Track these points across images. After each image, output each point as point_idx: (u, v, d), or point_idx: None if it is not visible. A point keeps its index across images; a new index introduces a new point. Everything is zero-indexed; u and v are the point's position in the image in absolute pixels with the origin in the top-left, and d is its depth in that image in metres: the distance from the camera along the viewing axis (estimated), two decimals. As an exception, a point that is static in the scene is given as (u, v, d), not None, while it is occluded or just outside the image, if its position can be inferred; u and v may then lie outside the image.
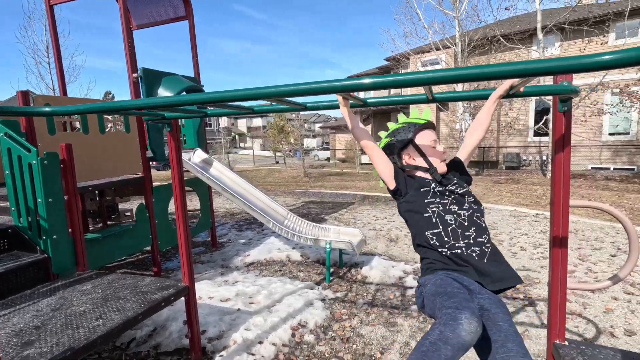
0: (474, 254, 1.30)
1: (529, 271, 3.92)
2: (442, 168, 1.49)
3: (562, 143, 1.57)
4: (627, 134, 14.49)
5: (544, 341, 2.56)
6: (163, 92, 3.74)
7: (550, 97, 1.83)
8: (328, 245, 3.76)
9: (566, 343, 1.66)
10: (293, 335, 2.76)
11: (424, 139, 1.50)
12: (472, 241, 1.32)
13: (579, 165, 15.49)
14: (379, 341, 2.68)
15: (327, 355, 2.52)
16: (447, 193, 1.41)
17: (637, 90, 10.57)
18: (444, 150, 1.51)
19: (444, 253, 1.32)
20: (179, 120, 4.69)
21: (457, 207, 1.38)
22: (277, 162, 27.53)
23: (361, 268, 4.13)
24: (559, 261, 1.64)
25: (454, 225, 1.34)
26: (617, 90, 11.68)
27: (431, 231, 1.34)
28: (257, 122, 55.84)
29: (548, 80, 9.58)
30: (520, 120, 16.72)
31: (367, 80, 1.02)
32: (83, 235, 2.62)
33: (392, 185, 1.47)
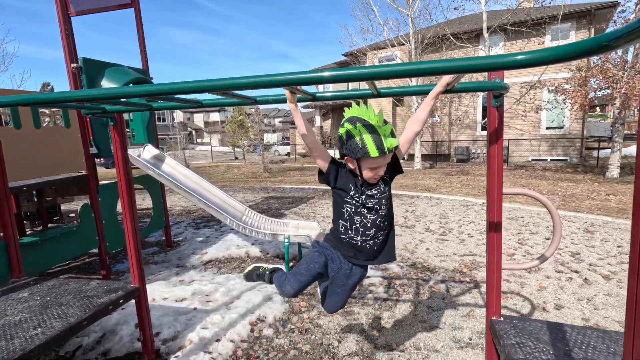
0: (367, 245, 1.65)
1: (475, 256, 4.21)
2: (371, 181, 1.59)
3: (496, 135, 1.71)
4: (561, 128, 15.90)
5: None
6: (107, 85, 3.51)
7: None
8: (286, 240, 3.78)
9: (502, 319, 1.82)
10: (252, 330, 2.76)
11: (365, 164, 1.52)
12: (368, 238, 1.64)
13: (521, 157, 16.77)
14: (337, 330, 2.75)
15: (286, 347, 2.55)
16: (362, 201, 1.60)
17: (569, 88, 11.62)
18: (381, 174, 1.57)
19: (343, 239, 1.67)
20: (128, 114, 4.43)
21: (366, 211, 1.62)
22: (236, 158, 26.94)
23: (320, 261, 4.18)
24: (494, 244, 1.79)
25: (357, 225, 1.63)
26: (553, 87, 12.75)
27: (342, 222, 1.66)
28: (215, 116, 54.17)
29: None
30: (469, 115, 17.72)
31: (327, 73, 1.04)
32: (17, 239, 2.42)
33: (323, 174, 1.67)
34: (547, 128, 16.20)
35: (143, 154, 4.34)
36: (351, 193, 1.60)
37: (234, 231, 5.40)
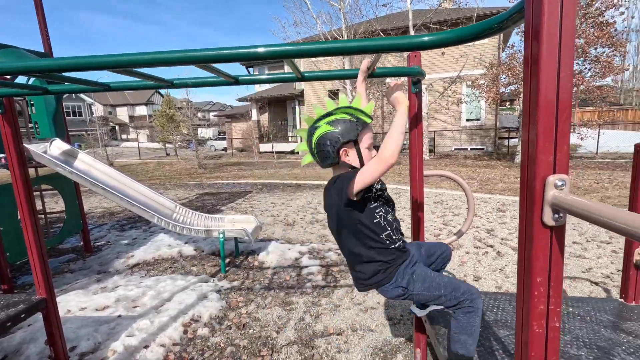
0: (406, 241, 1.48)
1: (408, 238, 4.46)
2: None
3: (416, 120, 1.80)
4: (479, 120, 17.57)
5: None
6: (-3, 69, 3.01)
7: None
8: (221, 235, 3.63)
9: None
10: (185, 332, 2.61)
11: (365, 140, 1.35)
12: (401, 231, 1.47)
13: (445, 147, 18.21)
14: (276, 321, 2.73)
15: (222, 345, 2.46)
16: (385, 196, 1.42)
17: (483, 84, 12.87)
18: (374, 153, 1.35)
19: (396, 248, 1.40)
20: (28, 103, 3.85)
21: (390, 206, 1.44)
22: (168, 155, 25.24)
23: (258, 254, 4.12)
24: (417, 223, 1.90)
25: (395, 224, 1.43)
26: (470, 83, 14.01)
27: (385, 233, 1.37)
28: (142, 110, 50.06)
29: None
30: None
31: (261, 49, 0.99)
32: None
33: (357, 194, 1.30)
34: (467, 120, 17.79)
35: (50, 150, 3.83)
36: (374, 194, 1.37)
37: (165, 231, 5.06)
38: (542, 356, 0.71)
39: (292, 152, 22.28)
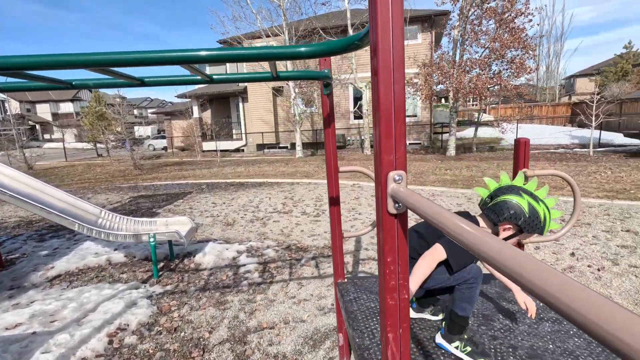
0: None
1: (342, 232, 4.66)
2: None
3: (329, 120, 1.92)
4: (415, 116, 18.65)
5: (347, 285, 3.15)
6: None
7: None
8: (152, 239, 3.50)
9: (345, 280, 2.09)
10: (110, 342, 2.50)
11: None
12: None
13: (387, 142, 19.08)
14: (209, 322, 2.72)
15: (151, 351, 2.40)
16: None
17: (418, 82, 13.68)
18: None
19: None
20: None
21: None
22: (99, 155, 23.28)
23: (194, 256, 4.03)
24: (334, 216, 2.03)
25: None
26: (405, 81, 14.81)
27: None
28: (67, 107, 45.46)
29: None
30: (342, 105, 19.19)
31: (203, 53, 1.00)
32: None
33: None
34: (405, 116, 18.79)
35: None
36: None
37: (92, 238, 4.72)
38: (396, 324, 0.85)
39: (237, 150, 21.81)
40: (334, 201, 1.99)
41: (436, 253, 1.45)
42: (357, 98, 18.73)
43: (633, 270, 3.07)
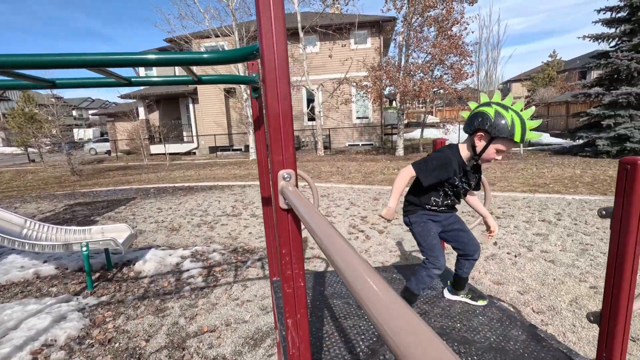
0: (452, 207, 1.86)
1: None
2: (486, 163, 1.69)
3: (258, 123, 1.97)
4: (367, 118, 19.24)
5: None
6: None
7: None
8: (84, 249, 3.31)
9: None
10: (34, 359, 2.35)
11: (500, 145, 1.57)
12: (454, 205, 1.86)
13: (340, 144, 19.46)
14: (146, 330, 2.65)
15: (80, 365, 2.29)
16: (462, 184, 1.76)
17: (367, 85, 14.14)
18: (498, 158, 1.63)
19: (437, 207, 1.82)
20: None
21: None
22: (32, 161, 21.26)
23: (134, 264, 3.87)
24: (268, 216, 2.08)
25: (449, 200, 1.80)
26: (355, 84, 15.23)
27: (435, 197, 1.79)
28: (-8, 108, 40.80)
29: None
30: (295, 107, 19.27)
31: (108, 57, 0.98)
32: None
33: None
34: (357, 118, 19.32)
35: None
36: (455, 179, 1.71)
37: (17, 251, 4.34)
38: (294, 310, 0.92)
39: (188, 153, 21.05)
40: (267, 201, 2.05)
41: (407, 170, 1.70)
42: (310, 100, 18.93)
43: (543, 255, 3.46)
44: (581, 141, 11.69)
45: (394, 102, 28.44)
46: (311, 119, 18.92)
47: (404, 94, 12.42)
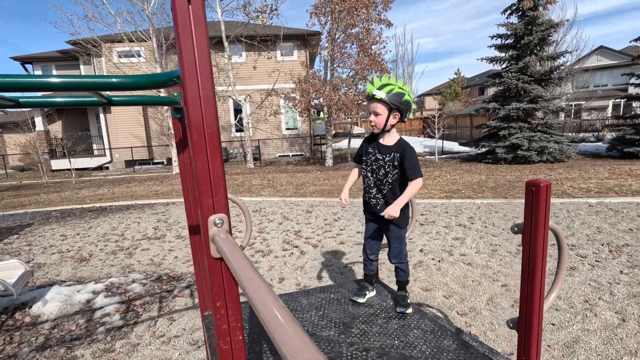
0: (370, 202, 2.10)
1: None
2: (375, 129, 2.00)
3: (182, 145, 1.81)
4: (296, 129, 19.42)
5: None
6: None
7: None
8: (-39, 295, 2.70)
9: (211, 312, 1.99)
10: None
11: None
12: (371, 196, 2.11)
13: (270, 155, 19.30)
14: (48, 389, 2.23)
15: None
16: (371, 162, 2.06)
17: (295, 96, 14.30)
18: (373, 123, 1.95)
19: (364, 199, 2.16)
20: None
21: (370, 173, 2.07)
22: None
23: (30, 307, 3.27)
24: (195, 245, 1.92)
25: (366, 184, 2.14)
26: (283, 95, 15.32)
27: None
28: None
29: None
30: (222, 118, 18.64)
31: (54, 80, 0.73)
32: None
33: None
34: (287, 129, 19.41)
35: None
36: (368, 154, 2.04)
37: None
38: (232, 367, 0.83)
39: (99, 168, 18.90)
40: (194, 229, 1.89)
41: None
42: (237, 111, 18.49)
43: (462, 259, 3.80)
44: (484, 149, 13.30)
45: (321, 112, 29.26)
46: (239, 130, 18.46)
47: (330, 106, 12.83)
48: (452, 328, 1.85)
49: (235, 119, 18.55)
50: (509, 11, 12.88)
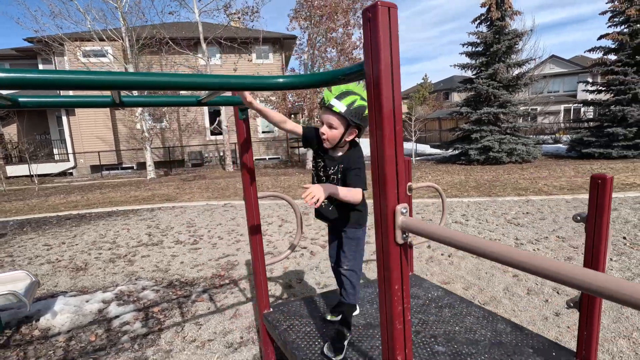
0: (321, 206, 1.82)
1: (229, 256, 4.42)
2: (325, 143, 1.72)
3: (246, 145, 1.84)
4: (272, 132, 19.32)
5: (252, 313, 3.00)
6: None
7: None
8: (-31, 310, 2.51)
9: (271, 310, 2.01)
10: None
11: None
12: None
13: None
14: (86, 401, 2.13)
15: None
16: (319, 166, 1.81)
17: (274, 99, 14.27)
18: (325, 137, 1.66)
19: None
20: None
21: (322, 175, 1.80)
22: None
23: (37, 320, 3.08)
24: (256, 244, 1.94)
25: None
26: (263, 98, 15.22)
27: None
28: None
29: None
30: (197, 121, 18.19)
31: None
32: None
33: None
34: (263, 132, 19.27)
35: None
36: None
37: None
38: (402, 346, 0.90)
39: (62, 174, 17.77)
40: (255, 229, 1.91)
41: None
42: (212, 114, 18.12)
43: (469, 253, 4.02)
44: (457, 151, 13.96)
45: (297, 115, 29.25)
46: (214, 133, 18.10)
47: (311, 110, 12.93)
48: (496, 315, 2.00)
49: (210, 121, 18.17)
50: (478, 21, 13.66)
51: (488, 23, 13.41)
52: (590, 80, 14.50)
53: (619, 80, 12.59)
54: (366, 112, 1.55)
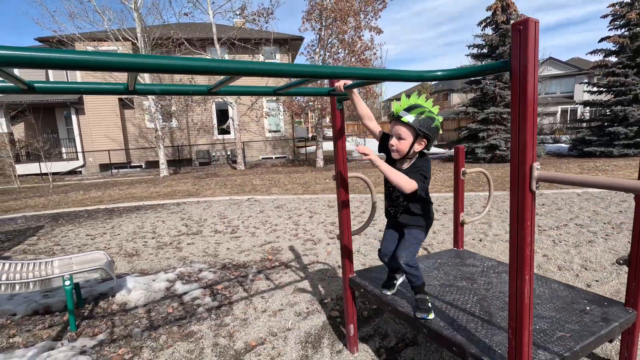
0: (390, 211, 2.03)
1: (271, 243, 4.72)
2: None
3: (340, 133, 2.15)
4: (279, 131, 19.63)
5: (311, 289, 3.31)
6: None
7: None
8: (67, 282, 2.80)
9: (355, 275, 2.33)
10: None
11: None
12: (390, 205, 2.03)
13: (253, 157, 19.33)
14: (188, 357, 2.44)
15: (135, 407, 2.01)
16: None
17: (284, 100, 14.56)
18: (394, 149, 1.78)
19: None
20: None
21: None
22: None
23: (113, 296, 3.38)
24: (344, 218, 2.25)
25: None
26: (276, 98, 15.54)
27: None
28: None
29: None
30: (205, 120, 18.46)
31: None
32: None
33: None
34: (270, 132, 19.57)
35: None
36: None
37: None
38: (529, 268, 1.22)
39: (72, 172, 17.97)
40: (344, 204, 2.22)
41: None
42: (220, 111, 18.39)
43: (497, 238, 4.36)
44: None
45: (303, 116, 29.63)
46: (221, 132, 18.38)
47: (322, 109, 13.26)
48: (548, 278, 2.32)
49: (219, 120, 18.43)
50: (484, 24, 14.07)
51: (494, 26, 13.83)
52: (587, 81, 14.94)
53: (620, 82, 13.05)
54: (435, 123, 1.67)
